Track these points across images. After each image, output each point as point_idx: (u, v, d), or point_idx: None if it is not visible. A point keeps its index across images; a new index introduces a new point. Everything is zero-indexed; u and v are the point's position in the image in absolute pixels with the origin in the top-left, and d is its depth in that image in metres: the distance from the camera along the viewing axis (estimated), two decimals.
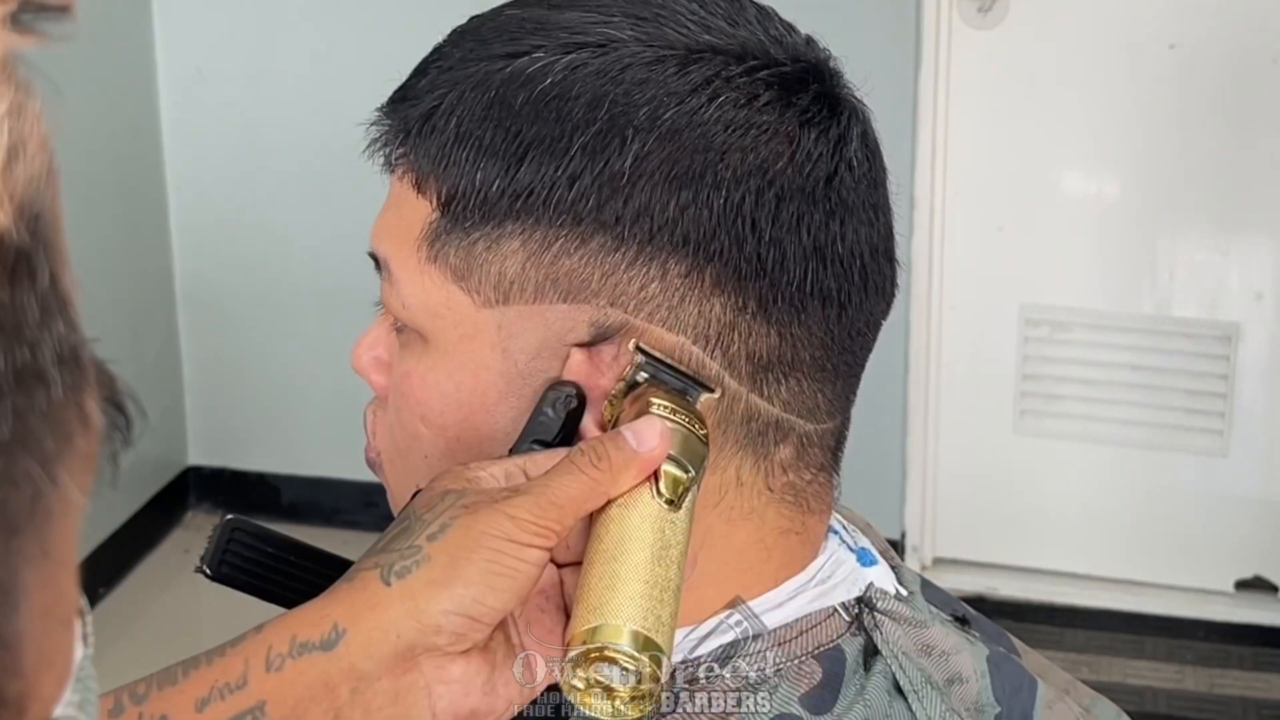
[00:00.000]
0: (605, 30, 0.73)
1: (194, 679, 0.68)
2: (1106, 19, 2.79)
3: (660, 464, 0.70)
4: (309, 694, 0.66)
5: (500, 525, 0.67)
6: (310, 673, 0.66)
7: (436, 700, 0.67)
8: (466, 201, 0.73)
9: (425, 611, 0.66)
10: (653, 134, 0.71)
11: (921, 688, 0.78)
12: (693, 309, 0.72)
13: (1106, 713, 0.93)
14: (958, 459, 3.04)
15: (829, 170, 0.74)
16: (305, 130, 3.09)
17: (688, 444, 0.71)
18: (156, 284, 3.22)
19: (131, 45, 3.09)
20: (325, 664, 0.66)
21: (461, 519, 0.67)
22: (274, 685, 0.66)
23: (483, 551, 0.66)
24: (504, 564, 0.66)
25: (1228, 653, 2.92)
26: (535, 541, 0.67)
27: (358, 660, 0.66)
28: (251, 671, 0.67)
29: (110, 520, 3.11)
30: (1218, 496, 2.95)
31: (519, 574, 0.67)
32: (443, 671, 0.67)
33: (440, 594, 0.66)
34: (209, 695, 0.67)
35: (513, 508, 0.67)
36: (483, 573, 0.66)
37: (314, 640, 0.67)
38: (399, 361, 0.79)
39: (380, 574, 0.67)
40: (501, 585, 0.67)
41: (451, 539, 0.67)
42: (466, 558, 0.66)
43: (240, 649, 0.68)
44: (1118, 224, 2.88)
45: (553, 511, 0.68)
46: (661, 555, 0.69)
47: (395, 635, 0.66)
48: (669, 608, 0.68)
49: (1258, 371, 2.89)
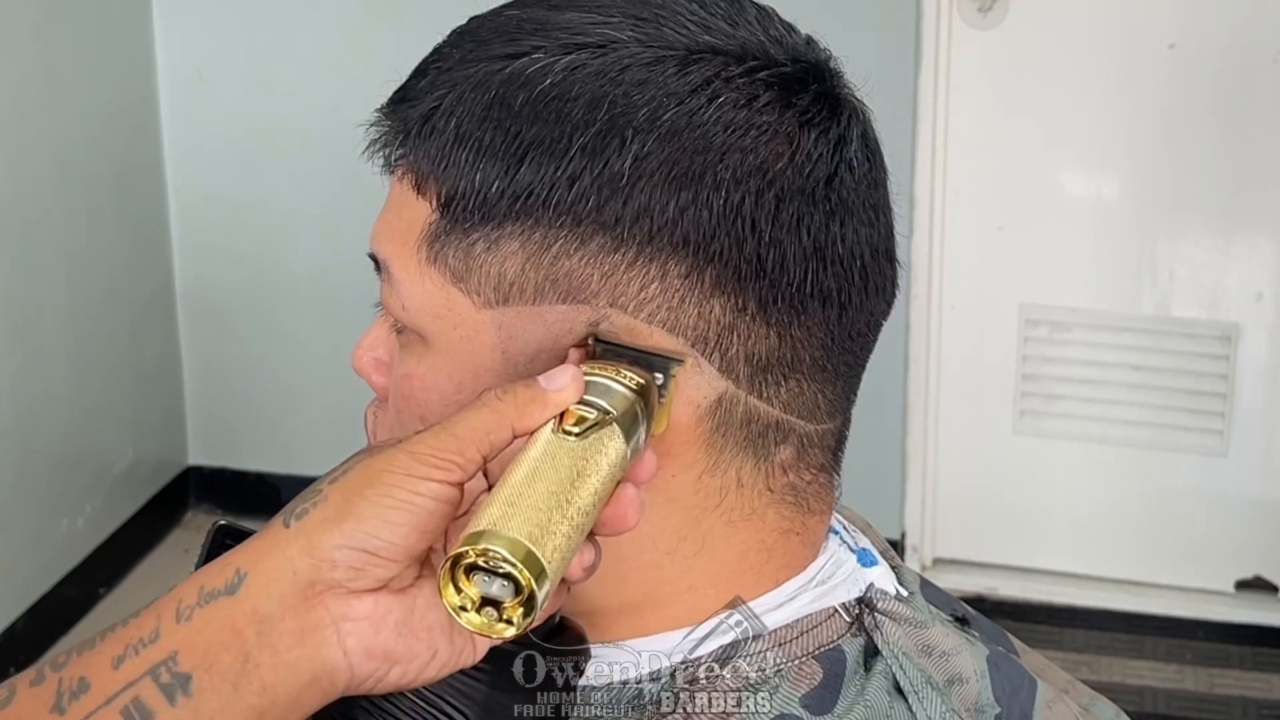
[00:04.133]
0: (605, 31, 0.73)
1: (110, 640, 0.69)
2: (1106, 19, 2.79)
3: (569, 404, 0.69)
4: (217, 640, 0.67)
5: (397, 460, 0.67)
6: (217, 619, 0.67)
7: (345, 637, 0.67)
8: (466, 202, 0.73)
9: (318, 546, 0.66)
10: (652, 135, 0.71)
11: (922, 688, 0.78)
12: (692, 310, 0.72)
13: (1106, 712, 0.93)
14: (958, 459, 3.04)
15: (829, 171, 0.74)
16: (305, 131, 3.09)
17: (612, 395, 0.71)
18: (156, 284, 3.22)
19: (131, 45, 3.09)
20: (230, 608, 0.67)
21: (362, 460, 0.68)
22: (184, 635, 0.67)
23: (377, 486, 0.67)
24: (397, 497, 0.66)
25: (1228, 653, 2.92)
26: (432, 474, 0.66)
27: (260, 602, 0.67)
28: (163, 625, 0.68)
29: (110, 520, 3.11)
30: (1218, 496, 2.95)
31: (415, 506, 0.66)
32: (348, 608, 0.67)
33: (332, 529, 0.66)
34: (124, 653, 0.68)
35: (412, 443, 0.67)
36: (375, 506, 0.66)
37: (219, 587, 0.67)
38: (399, 362, 0.78)
39: (283, 519, 0.68)
40: (396, 519, 0.66)
41: (349, 478, 0.68)
42: (360, 493, 0.67)
43: (154, 607, 0.69)
44: (1118, 224, 2.88)
45: (452, 443, 0.67)
46: (556, 479, 0.67)
47: (292, 572, 0.66)
48: (560, 531, 0.66)
49: (1258, 371, 2.89)
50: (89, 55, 2.98)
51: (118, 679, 0.67)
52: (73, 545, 3.01)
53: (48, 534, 2.96)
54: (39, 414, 2.91)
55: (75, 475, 3.02)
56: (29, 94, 2.83)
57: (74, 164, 2.96)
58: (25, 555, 2.90)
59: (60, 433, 2.98)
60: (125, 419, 3.16)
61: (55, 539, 2.97)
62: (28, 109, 2.83)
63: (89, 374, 3.05)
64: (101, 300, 3.07)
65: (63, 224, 2.94)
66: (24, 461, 2.88)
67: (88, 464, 3.06)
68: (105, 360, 3.10)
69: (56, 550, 2.97)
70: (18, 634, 2.85)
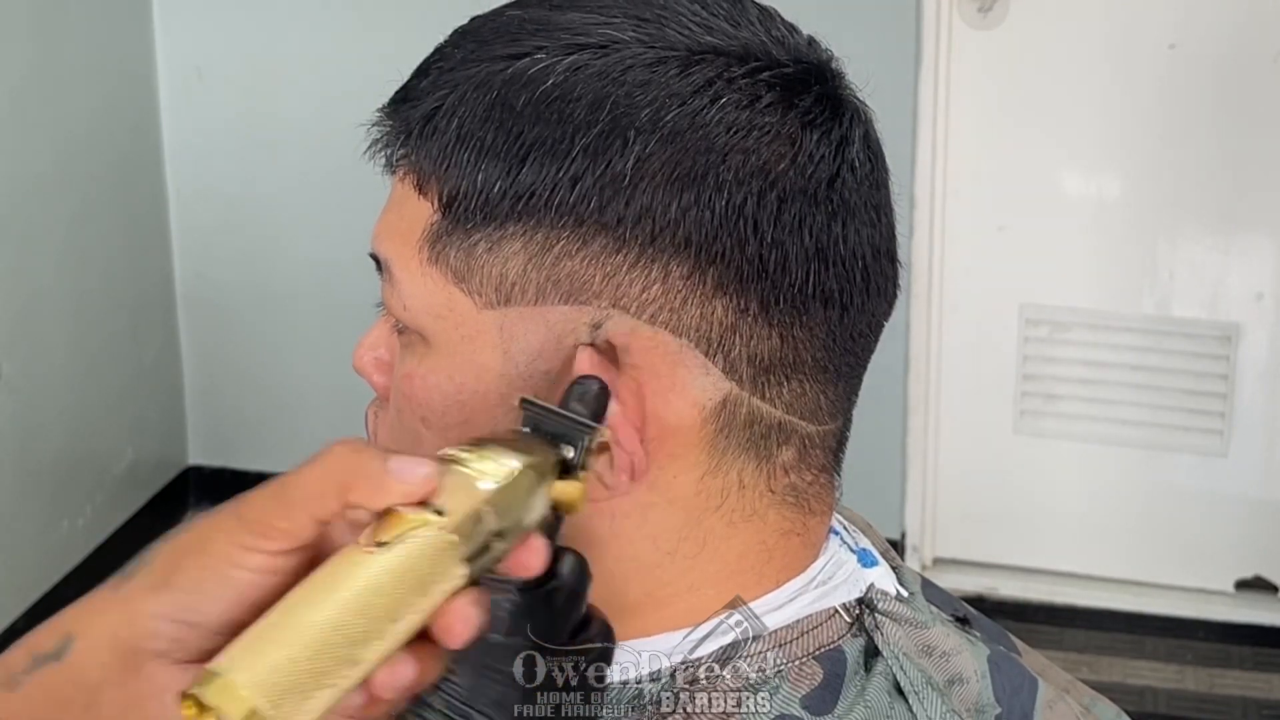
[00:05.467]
0: (607, 31, 0.73)
1: None
2: (1106, 19, 2.79)
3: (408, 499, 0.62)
4: (45, 712, 0.64)
5: (225, 524, 0.63)
6: (45, 686, 0.64)
7: (170, 708, 0.62)
8: (468, 203, 0.73)
9: (138, 615, 0.63)
10: (654, 135, 0.71)
11: (922, 689, 0.78)
12: (694, 311, 0.72)
13: (1106, 712, 0.93)
14: (958, 459, 3.04)
15: (831, 172, 0.74)
16: (305, 130, 3.09)
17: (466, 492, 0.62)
18: (156, 284, 3.22)
19: (131, 45, 3.09)
20: (57, 675, 0.64)
21: (201, 521, 0.64)
22: (16, 705, 0.64)
23: (198, 555, 0.63)
24: (220, 570, 0.62)
25: (1228, 653, 2.92)
26: (258, 544, 0.62)
27: (87, 669, 0.63)
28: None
29: (110, 520, 3.11)
30: (1218, 496, 2.95)
31: (236, 581, 0.62)
32: (172, 679, 0.62)
33: (150, 598, 0.63)
34: None
35: (245, 505, 0.63)
36: (193, 578, 0.62)
37: (48, 650, 0.64)
38: (400, 362, 0.78)
39: (116, 579, 0.64)
40: (216, 592, 0.62)
41: (180, 541, 0.64)
42: (181, 562, 0.63)
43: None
44: (1118, 224, 2.88)
45: (279, 510, 0.62)
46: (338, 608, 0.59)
47: (113, 640, 0.63)
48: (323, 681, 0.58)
49: (1258, 371, 2.89)
50: (88, 53, 2.98)
51: None
52: (73, 545, 3.01)
53: (48, 534, 2.96)
54: (39, 414, 2.91)
55: (75, 475, 3.02)
56: (29, 92, 2.83)
57: (73, 162, 2.96)
58: (25, 555, 2.90)
59: (60, 433, 2.98)
60: (125, 419, 3.16)
61: (55, 539, 2.97)
62: (27, 107, 2.83)
63: (89, 374, 3.05)
64: (101, 299, 3.07)
65: (63, 223, 2.94)
66: (24, 461, 2.88)
67: (88, 464, 3.06)
68: (105, 360, 3.10)
69: (56, 550, 2.97)
70: (18, 634, 2.83)
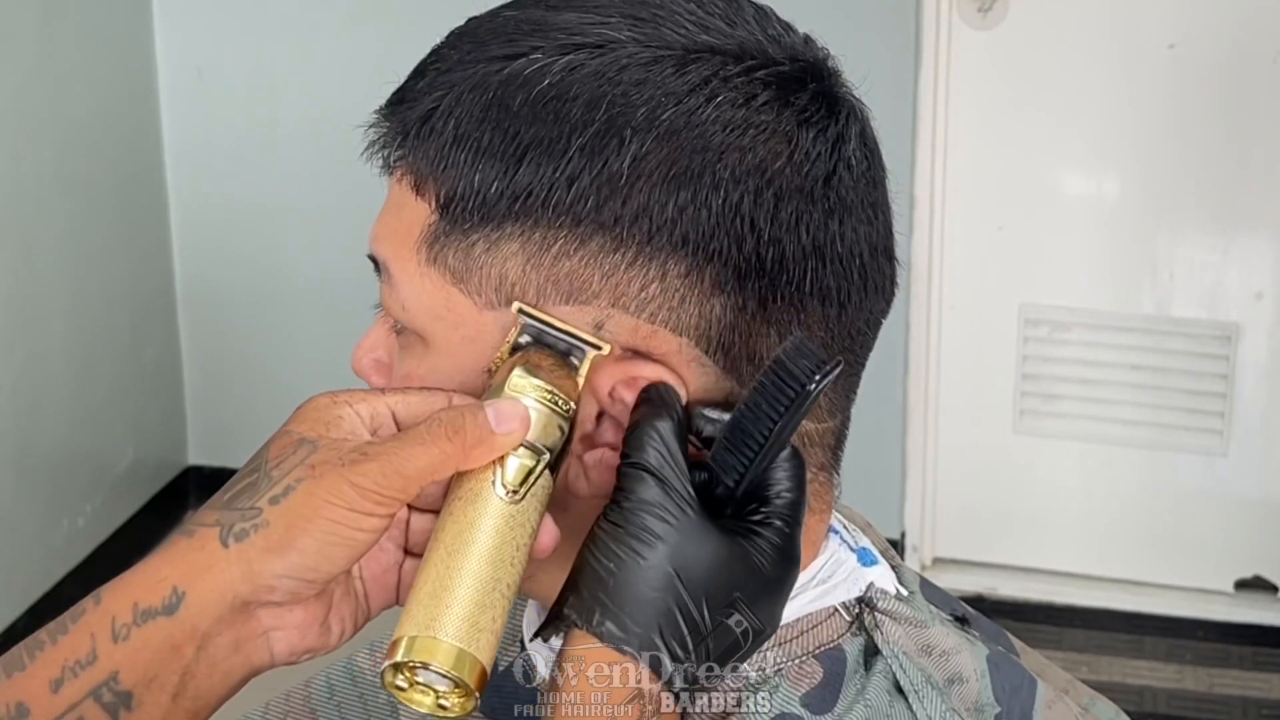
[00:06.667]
0: (603, 31, 0.73)
1: (42, 661, 0.70)
2: (1106, 19, 2.78)
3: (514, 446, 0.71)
4: (157, 658, 0.68)
5: (342, 493, 0.68)
6: (156, 638, 0.68)
7: (275, 644, 0.71)
8: (465, 203, 0.73)
9: (260, 574, 0.68)
10: (651, 134, 0.71)
11: (922, 687, 0.78)
12: (693, 309, 0.72)
13: (1105, 712, 0.93)
14: (958, 459, 3.04)
15: (827, 169, 0.74)
16: (305, 131, 3.09)
17: (547, 427, 0.71)
18: (156, 284, 3.22)
19: (132, 45, 3.09)
20: (169, 628, 0.68)
21: (305, 483, 0.68)
22: (123, 655, 0.68)
23: (320, 521, 0.68)
24: (341, 534, 0.68)
25: (1227, 652, 2.92)
26: (377, 510, 0.68)
27: (199, 621, 0.68)
28: (99, 645, 0.69)
29: (110, 520, 3.11)
30: (1218, 496, 2.95)
31: (356, 542, 0.68)
32: (280, 620, 0.71)
33: (274, 559, 0.68)
34: (61, 675, 0.69)
35: (358, 475, 0.68)
36: (319, 543, 0.68)
37: (156, 606, 0.69)
38: (399, 363, 0.78)
39: (220, 534, 0.69)
40: (337, 554, 0.68)
41: (292, 504, 0.68)
42: (304, 527, 0.68)
43: (83, 623, 0.70)
44: (1118, 224, 2.88)
45: (398, 481, 0.68)
46: (497, 556, 0.69)
47: (231, 595, 0.68)
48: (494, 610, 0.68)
49: (1258, 371, 2.89)
50: (89, 55, 2.98)
51: (58, 703, 0.68)
52: (73, 545, 3.01)
53: (48, 534, 2.96)
54: (39, 414, 2.91)
55: (75, 475, 3.02)
56: (29, 93, 2.83)
57: (74, 164, 2.96)
58: (25, 555, 2.90)
59: (60, 433, 2.98)
60: (125, 419, 3.16)
61: (56, 539, 2.97)
62: (28, 108, 2.83)
63: (89, 374, 3.05)
64: (101, 300, 3.06)
65: (63, 224, 2.94)
66: (24, 461, 2.88)
67: (88, 464, 3.06)
68: (105, 360, 3.10)
69: (57, 550, 2.97)
70: (18, 634, 2.84)
